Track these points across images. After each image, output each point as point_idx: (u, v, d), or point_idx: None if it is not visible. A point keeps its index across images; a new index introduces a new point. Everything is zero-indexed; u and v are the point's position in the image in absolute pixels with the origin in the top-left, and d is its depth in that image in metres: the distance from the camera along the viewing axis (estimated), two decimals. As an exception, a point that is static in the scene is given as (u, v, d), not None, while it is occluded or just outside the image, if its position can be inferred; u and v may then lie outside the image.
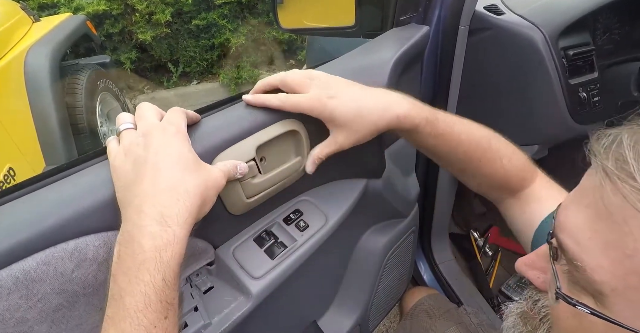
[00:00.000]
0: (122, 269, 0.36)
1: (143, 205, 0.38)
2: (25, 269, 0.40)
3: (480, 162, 0.56)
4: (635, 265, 0.26)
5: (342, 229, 0.67)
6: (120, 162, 0.43)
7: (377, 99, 0.52)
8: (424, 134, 0.53)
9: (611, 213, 0.28)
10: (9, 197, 0.45)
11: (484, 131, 0.57)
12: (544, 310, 0.36)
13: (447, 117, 0.55)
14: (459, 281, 1.18)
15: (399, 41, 0.71)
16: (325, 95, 0.51)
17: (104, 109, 2.28)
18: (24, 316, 0.42)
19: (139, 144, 0.42)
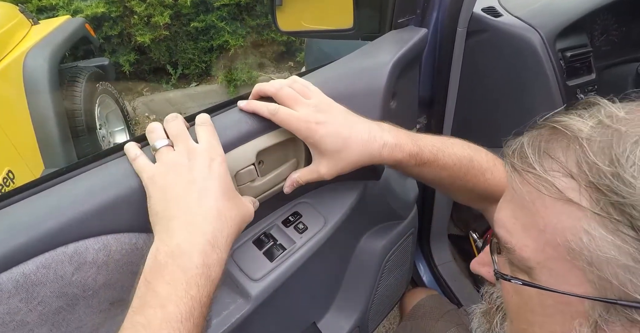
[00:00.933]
0: (165, 279, 0.37)
1: (195, 224, 0.40)
2: (26, 272, 0.40)
3: (464, 180, 0.59)
4: (548, 238, 0.32)
5: (341, 231, 0.67)
6: (161, 179, 0.44)
7: (364, 133, 0.52)
8: (409, 166, 0.55)
9: (524, 200, 0.34)
10: (8, 201, 0.45)
11: (466, 150, 0.59)
12: (499, 300, 0.41)
13: (431, 144, 0.56)
14: (459, 282, 1.18)
15: (397, 44, 0.71)
16: (315, 120, 0.51)
17: (103, 112, 2.28)
18: (24, 319, 0.42)
19: (184, 165, 0.44)
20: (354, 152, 0.52)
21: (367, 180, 0.72)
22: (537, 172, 0.32)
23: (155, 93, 3.21)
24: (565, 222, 0.30)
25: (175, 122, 0.48)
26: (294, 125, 0.51)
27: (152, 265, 0.39)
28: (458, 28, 0.80)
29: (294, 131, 0.52)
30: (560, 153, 0.32)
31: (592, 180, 0.29)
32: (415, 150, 0.54)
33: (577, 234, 0.30)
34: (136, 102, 3.11)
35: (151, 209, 0.44)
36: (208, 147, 0.46)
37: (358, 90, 0.58)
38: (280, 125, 0.53)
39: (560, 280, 0.32)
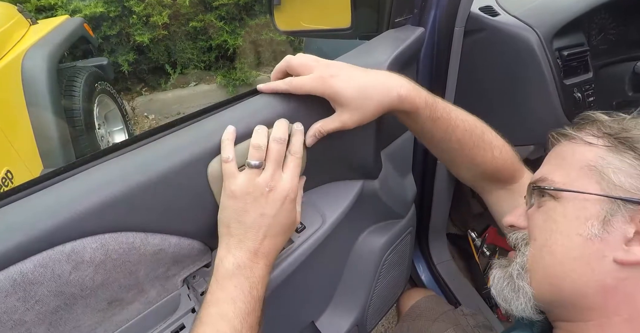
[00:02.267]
0: (233, 283, 0.48)
1: (257, 250, 0.50)
2: (23, 271, 0.41)
3: (473, 151, 0.59)
4: (574, 166, 0.47)
5: (339, 230, 0.67)
6: (240, 198, 0.50)
7: (379, 79, 0.53)
8: (423, 117, 0.56)
9: (564, 152, 0.49)
10: (6, 200, 0.45)
11: (478, 122, 0.60)
12: (523, 236, 0.50)
13: (445, 102, 0.58)
14: (457, 281, 1.19)
15: (394, 43, 0.71)
16: (328, 74, 0.53)
17: (102, 111, 2.28)
18: (22, 318, 0.42)
19: (262, 195, 0.50)
20: (373, 97, 0.53)
21: (365, 179, 0.72)
22: (576, 136, 0.49)
23: (154, 93, 3.21)
24: (587, 154, 0.46)
25: (279, 147, 0.51)
26: (309, 85, 0.53)
27: (222, 272, 0.49)
28: (455, 27, 0.80)
29: (312, 91, 0.53)
30: (588, 126, 0.49)
31: (606, 132, 0.46)
32: (430, 101, 0.55)
33: (595, 159, 0.45)
34: (135, 101, 3.11)
35: (223, 219, 0.51)
36: (290, 183, 0.52)
37: None
38: (299, 92, 0.54)
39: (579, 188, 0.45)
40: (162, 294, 0.56)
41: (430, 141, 0.62)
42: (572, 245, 0.43)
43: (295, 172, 0.53)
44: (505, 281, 0.49)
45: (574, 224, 0.44)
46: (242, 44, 3.04)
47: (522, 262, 0.48)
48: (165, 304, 0.56)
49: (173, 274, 0.55)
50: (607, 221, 0.42)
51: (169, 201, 0.49)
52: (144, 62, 3.11)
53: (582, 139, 0.47)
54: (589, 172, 0.44)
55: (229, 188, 0.50)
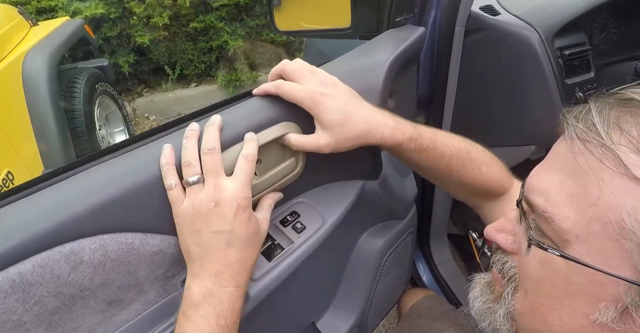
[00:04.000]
0: (200, 313, 0.46)
1: (221, 272, 0.47)
2: (22, 272, 0.40)
3: (461, 173, 0.59)
4: (598, 213, 0.30)
5: (340, 231, 0.67)
6: (190, 222, 0.47)
7: (367, 112, 0.53)
8: (409, 150, 0.56)
9: (579, 168, 0.31)
10: (4, 201, 0.45)
11: (463, 143, 0.60)
12: (512, 270, 0.39)
13: (430, 132, 0.58)
14: (458, 281, 1.18)
15: (394, 42, 0.71)
16: (320, 92, 0.52)
17: (103, 113, 2.28)
18: (21, 319, 0.42)
19: (210, 211, 0.47)
20: (355, 128, 0.52)
21: (366, 180, 0.72)
22: (604, 143, 0.30)
23: (155, 94, 3.21)
24: (623, 200, 0.29)
25: (209, 157, 0.48)
26: (298, 95, 0.52)
27: (188, 303, 0.47)
28: (456, 27, 0.80)
29: (299, 102, 0.53)
30: (634, 127, 0.30)
31: None
32: (415, 135, 0.55)
33: (635, 215, 0.28)
34: (136, 102, 3.11)
35: (182, 246, 0.49)
36: (237, 192, 0.48)
37: (355, 89, 0.58)
38: (285, 98, 0.53)
39: (598, 258, 0.30)
40: (162, 295, 0.55)
41: (419, 170, 0.63)
42: (572, 325, 0.33)
43: (244, 177, 0.49)
44: (487, 316, 0.42)
45: (581, 299, 0.32)
46: (242, 44, 3.04)
47: (509, 311, 0.39)
48: (165, 305, 0.56)
49: (172, 275, 0.55)
50: (628, 312, 0.30)
51: (167, 201, 0.49)
52: (145, 63, 3.11)
53: (620, 161, 0.29)
54: (621, 235, 0.29)
55: (177, 215, 0.48)
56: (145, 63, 3.11)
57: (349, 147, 0.55)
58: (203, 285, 0.47)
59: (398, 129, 0.54)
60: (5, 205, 0.45)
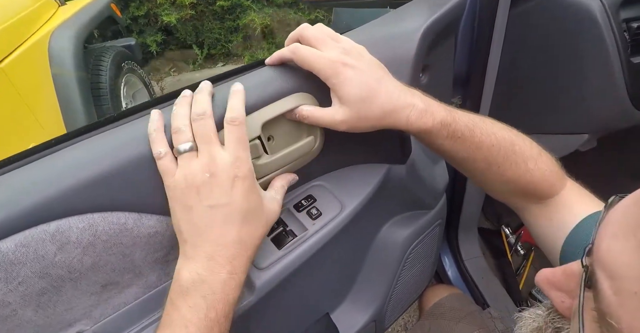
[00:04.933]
0: (188, 303, 0.41)
1: (215, 254, 0.42)
2: (3, 251, 0.38)
3: (502, 167, 0.51)
4: None
5: (360, 219, 0.61)
6: (182, 196, 0.42)
7: (393, 90, 0.46)
8: (440, 138, 0.48)
9: None
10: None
11: (507, 132, 0.52)
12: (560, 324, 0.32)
13: (467, 117, 0.50)
14: (486, 280, 1.10)
15: (430, 8, 0.63)
16: (342, 61, 0.45)
17: (129, 91, 2.30)
18: (5, 299, 0.40)
19: (205, 183, 0.41)
20: (378, 106, 0.45)
21: (392, 164, 0.65)
22: None
23: (182, 73, 3.23)
24: None
25: (201, 123, 0.42)
26: (316, 62, 0.45)
27: (176, 289, 0.42)
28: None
29: (315, 70, 0.46)
30: None
31: None
32: (448, 120, 0.47)
33: None
34: (164, 82, 3.14)
35: (175, 224, 0.44)
36: (233, 160, 0.42)
37: (383, 59, 0.51)
38: (302, 65, 0.47)
39: None
40: (163, 279, 0.52)
41: (452, 161, 0.54)
42: None
43: (239, 144, 0.43)
44: None
45: None
46: (269, 23, 2.98)
47: None
48: (166, 289, 0.52)
49: (174, 258, 0.51)
50: None
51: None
52: (172, 42, 3.14)
53: None
54: None
55: (168, 187, 0.43)
56: (173, 42, 3.14)
57: (368, 128, 0.48)
58: (194, 270, 0.41)
59: (428, 112, 0.47)
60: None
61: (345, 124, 0.47)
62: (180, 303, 0.41)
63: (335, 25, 1.78)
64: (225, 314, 0.42)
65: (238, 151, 0.43)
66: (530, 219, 0.56)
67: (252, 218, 0.44)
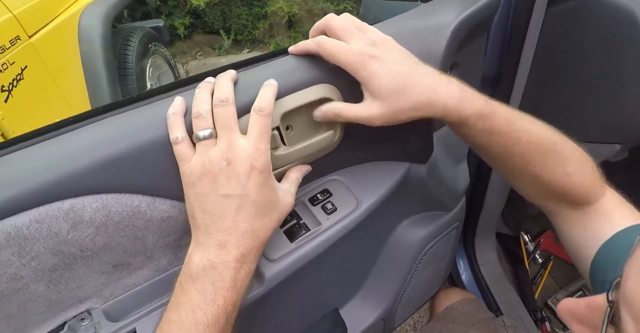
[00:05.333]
0: (197, 287, 0.41)
1: (227, 243, 0.42)
2: (17, 225, 0.38)
3: (539, 167, 0.48)
4: None
5: (375, 216, 0.60)
6: (199, 182, 0.42)
7: (427, 78, 0.44)
8: (476, 130, 0.46)
9: None
10: (6, 150, 0.43)
11: (549, 132, 0.48)
12: None
13: (507, 111, 0.47)
14: (501, 286, 1.08)
15: (463, 3, 0.60)
16: (369, 53, 0.43)
17: (155, 72, 2.31)
18: (18, 273, 0.40)
19: (222, 171, 0.41)
20: (413, 97, 0.44)
21: (412, 162, 0.63)
22: None
23: (208, 57, 3.24)
24: None
25: (222, 109, 0.42)
26: (342, 56, 0.44)
27: (186, 273, 0.42)
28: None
29: (342, 64, 0.44)
30: None
31: None
32: (485, 111, 0.45)
33: None
34: (189, 65, 3.15)
35: (188, 209, 0.44)
36: (252, 151, 0.41)
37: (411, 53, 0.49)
38: (328, 59, 0.45)
39: None
40: (174, 263, 0.53)
41: (485, 155, 0.52)
42: None
43: (261, 135, 0.42)
44: None
45: None
46: (297, 12, 2.96)
47: None
48: (177, 273, 0.52)
49: (186, 243, 0.51)
50: None
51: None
52: (200, 26, 3.15)
53: None
54: None
55: (184, 173, 0.42)
56: (200, 26, 3.15)
57: (405, 120, 0.46)
58: (205, 257, 0.42)
59: (465, 101, 0.44)
60: (6, 155, 0.42)
61: (380, 118, 0.45)
62: (189, 287, 0.41)
63: (363, 16, 1.75)
64: (233, 303, 0.42)
65: (259, 142, 0.42)
66: (562, 224, 0.53)
67: (265, 211, 0.44)
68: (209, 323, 0.40)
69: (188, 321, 0.40)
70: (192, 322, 0.39)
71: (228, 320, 0.42)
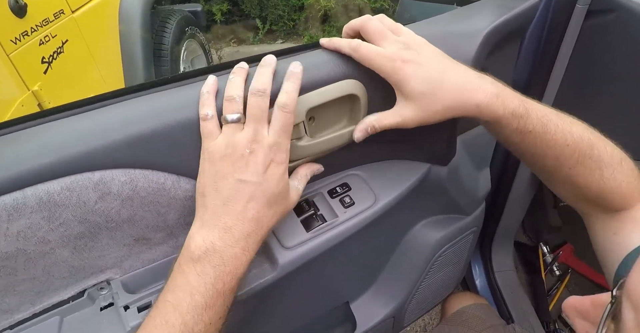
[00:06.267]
0: (197, 270, 0.41)
1: (233, 228, 0.42)
2: (49, 191, 0.40)
3: (574, 170, 0.47)
4: None
5: (392, 214, 0.60)
6: (218, 160, 0.43)
7: (459, 78, 0.45)
8: (509, 129, 0.46)
9: None
10: (45, 118, 0.45)
11: (587, 133, 0.47)
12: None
13: (543, 110, 0.46)
14: (515, 295, 1.06)
15: (498, 9, 0.60)
16: (401, 58, 0.44)
17: (189, 56, 2.35)
18: (46, 237, 0.42)
19: (243, 156, 0.42)
20: (445, 97, 0.44)
21: (433, 164, 0.63)
22: None
23: (242, 45, 3.27)
24: None
25: (258, 100, 0.43)
26: (377, 62, 0.45)
27: (187, 255, 0.42)
28: (577, 4, 0.66)
29: (376, 69, 0.46)
30: None
31: None
32: (520, 111, 0.45)
33: None
34: (223, 51, 3.19)
35: (199, 186, 0.44)
36: (273, 144, 0.43)
37: None
38: (362, 63, 0.47)
39: None
40: None
41: (520, 156, 0.51)
42: None
43: (283, 130, 0.43)
44: None
45: None
46: (334, 7, 2.94)
47: None
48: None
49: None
50: None
51: None
52: (237, 13, 3.17)
53: None
54: None
55: (206, 149, 0.43)
56: (237, 14, 3.17)
57: (439, 120, 0.46)
58: (208, 239, 0.42)
59: (499, 98, 0.44)
60: (44, 124, 0.44)
61: (414, 121, 0.46)
62: (188, 270, 0.41)
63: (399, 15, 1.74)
64: (231, 288, 0.42)
65: (281, 137, 0.43)
66: (594, 227, 0.52)
67: (274, 202, 0.44)
68: (208, 306, 0.40)
69: (186, 304, 0.39)
70: (190, 305, 0.39)
71: (225, 303, 0.42)
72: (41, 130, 0.43)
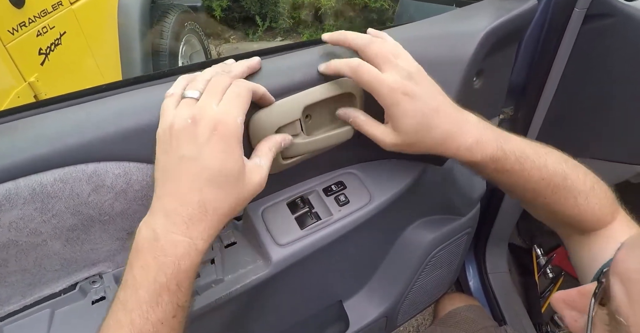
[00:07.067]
0: (140, 263, 0.37)
1: (172, 212, 0.37)
2: (43, 182, 0.40)
3: (550, 200, 0.50)
4: None
5: (387, 214, 0.60)
6: (166, 139, 0.39)
7: (447, 121, 0.46)
8: (487, 169, 0.48)
9: None
10: (40, 109, 0.45)
11: (560, 165, 0.49)
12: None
13: (520, 148, 0.48)
14: (508, 297, 1.07)
15: (496, 11, 0.60)
16: (403, 90, 0.44)
17: (188, 51, 2.34)
18: (38, 228, 0.42)
19: (185, 129, 0.37)
20: (430, 140, 0.46)
21: (428, 164, 0.63)
22: None
23: (241, 42, 3.26)
24: None
25: (220, 78, 0.41)
26: (377, 89, 0.45)
27: (133, 247, 0.38)
28: (575, 8, 0.66)
29: (375, 95, 0.45)
30: None
31: None
32: (498, 155, 0.47)
33: None
34: (222, 47, 3.18)
35: (156, 167, 0.40)
36: (219, 112, 0.38)
37: (438, 57, 0.49)
38: (361, 86, 0.46)
39: None
40: None
41: (499, 186, 0.54)
42: None
43: (235, 103, 0.39)
44: None
45: None
46: (334, 5, 2.93)
47: None
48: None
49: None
50: None
51: None
52: (237, 10, 3.16)
53: None
54: None
55: (159, 127, 0.39)
56: (237, 10, 3.16)
57: (413, 153, 0.49)
58: (150, 227, 0.37)
59: (478, 144, 0.46)
60: (39, 114, 0.43)
61: (394, 147, 0.48)
62: (134, 263, 0.38)
63: (398, 15, 1.74)
64: (177, 282, 0.37)
65: (230, 105, 0.39)
66: (571, 247, 0.55)
67: (222, 183, 0.38)
68: (155, 303, 0.36)
69: (132, 301, 0.36)
70: (136, 302, 0.36)
71: (172, 300, 0.37)
72: (35, 121, 0.43)
